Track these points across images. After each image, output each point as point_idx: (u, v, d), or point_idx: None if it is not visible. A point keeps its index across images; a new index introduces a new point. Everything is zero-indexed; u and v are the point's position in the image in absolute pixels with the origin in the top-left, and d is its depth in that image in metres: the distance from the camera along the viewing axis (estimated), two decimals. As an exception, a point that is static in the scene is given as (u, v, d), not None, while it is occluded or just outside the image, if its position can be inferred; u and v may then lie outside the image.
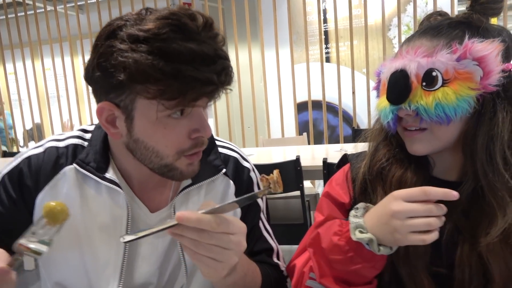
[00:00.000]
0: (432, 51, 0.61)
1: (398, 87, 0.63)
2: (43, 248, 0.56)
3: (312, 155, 2.60)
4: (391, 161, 0.70)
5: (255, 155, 2.73)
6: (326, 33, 4.46)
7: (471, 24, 0.63)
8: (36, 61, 4.07)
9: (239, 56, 3.63)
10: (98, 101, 0.63)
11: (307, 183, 2.92)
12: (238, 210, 0.77)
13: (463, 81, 0.59)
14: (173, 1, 3.87)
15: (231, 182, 0.77)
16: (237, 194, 0.77)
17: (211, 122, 4.04)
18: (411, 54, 0.63)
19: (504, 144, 0.61)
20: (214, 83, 0.57)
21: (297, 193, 2.16)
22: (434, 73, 0.60)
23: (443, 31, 0.63)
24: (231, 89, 0.62)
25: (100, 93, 0.62)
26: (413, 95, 0.62)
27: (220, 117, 3.83)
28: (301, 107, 3.88)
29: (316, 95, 3.56)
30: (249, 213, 0.79)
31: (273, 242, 0.82)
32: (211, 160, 0.75)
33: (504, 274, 0.60)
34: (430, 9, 3.68)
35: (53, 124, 4.28)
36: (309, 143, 3.48)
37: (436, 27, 0.64)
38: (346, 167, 0.80)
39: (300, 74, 3.64)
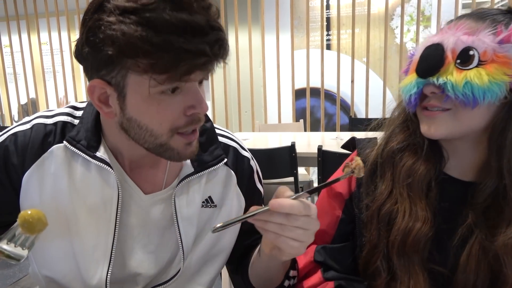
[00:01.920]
0: (475, 30, 0.58)
1: (430, 59, 0.60)
2: (23, 253, 0.53)
3: (308, 142, 2.60)
4: (404, 147, 0.68)
5: (251, 140, 2.72)
6: (328, 19, 4.41)
7: None
8: (33, 34, 4.00)
9: (239, 40, 3.58)
10: (89, 79, 0.61)
11: (301, 170, 2.93)
12: (242, 198, 0.77)
13: (500, 65, 0.56)
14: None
15: (232, 172, 0.76)
16: (239, 183, 0.77)
17: (208, 105, 4.00)
18: (452, 30, 0.60)
19: None
20: (207, 55, 0.54)
21: (291, 179, 2.17)
22: (471, 52, 0.57)
23: (490, 16, 0.60)
24: (226, 62, 0.60)
25: (91, 70, 0.59)
26: (444, 70, 0.59)
27: (217, 100, 3.80)
28: (299, 94, 3.86)
29: (315, 82, 3.54)
30: (253, 201, 0.78)
31: None
32: (212, 150, 0.74)
33: None
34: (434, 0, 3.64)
35: (48, 100, 4.24)
36: (305, 130, 3.48)
37: (483, 11, 0.62)
38: (353, 154, 0.78)
39: (300, 60, 3.61)
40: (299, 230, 0.54)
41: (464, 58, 0.58)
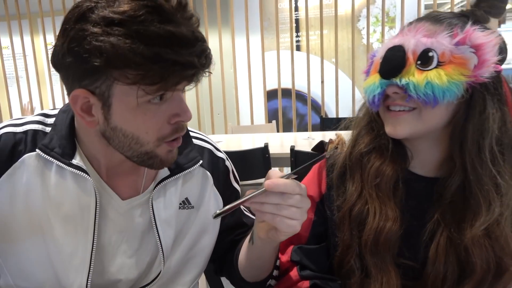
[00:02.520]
0: (433, 32, 0.62)
1: (393, 61, 0.63)
2: None
3: (281, 143, 2.63)
4: (371, 149, 0.70)
5: (224, 142, 2.72)
6: (297, 21, 4.46)
7: (475, 18, 0.64)
8: (-7, 39, 3.83)
9: (209, 42, 3.56)
10: (69, 88, 0.59)
11: (275, 170, 2.95)
12: (220, 198, 0.78)
13: (457, 66, 0.59)
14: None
15: (208, 173, 0.77)
16: (215, 184, 0.78)
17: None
18: (412, 32, 0.63)
19: (493, 140, 0.61)
20: (195, 66, 0.56)
21: (265, 180, 2.18)
22: (430, 53, 0.60)
23: (447, 19, 0.63)
24: (211, 72, 0.62)
25: (72, 80, 0.58)
26: (406, 71, 0.62)
27: (189, 103, 3.75)
28: (270, 95, 3.89)
29: (286, 83, 3.57)
30: (230, 199, 0.79)
31: None
32: (187, 152, 0.75)
33: (484, 268, 0.61)
34: (398, 1, 3.75)
35: (11, 107, 4.07)
36: (278, 131, 3.51)
37: (440, 14, 0.65)
38: (323, 161, 0.79)
39: (270, 62, 3.64)
40: (294, 208, 0.56)
41: (424, 59, 0.61)
